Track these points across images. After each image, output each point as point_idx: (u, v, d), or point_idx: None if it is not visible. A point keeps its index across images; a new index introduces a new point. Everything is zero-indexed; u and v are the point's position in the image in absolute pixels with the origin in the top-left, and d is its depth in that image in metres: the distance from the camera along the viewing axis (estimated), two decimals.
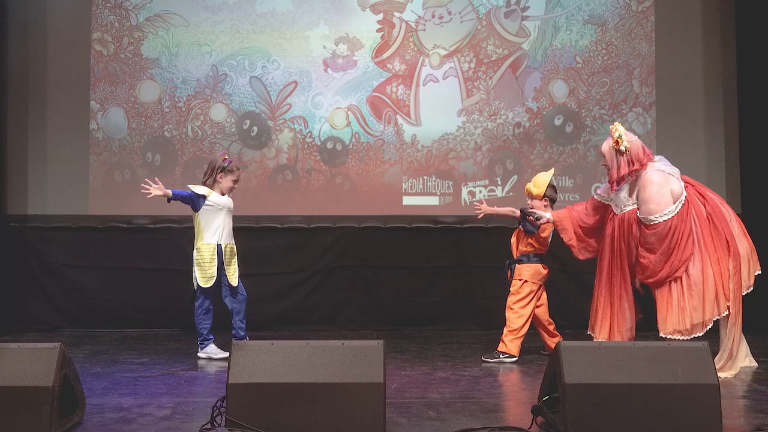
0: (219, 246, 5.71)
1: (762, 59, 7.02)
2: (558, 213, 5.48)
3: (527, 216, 5.56)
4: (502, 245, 6.01)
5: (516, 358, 5.53)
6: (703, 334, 4.75)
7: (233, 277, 5.75)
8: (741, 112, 7.27)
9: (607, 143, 5.10)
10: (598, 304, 5.21)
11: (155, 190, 5.64)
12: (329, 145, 7.44)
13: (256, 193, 7.38)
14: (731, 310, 4.86)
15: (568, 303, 6.90)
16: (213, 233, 5.73)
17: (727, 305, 4.84)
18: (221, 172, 5.81)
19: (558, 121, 7.44)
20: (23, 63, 7.37)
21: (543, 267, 5.68)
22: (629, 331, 5.07)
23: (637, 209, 4.98)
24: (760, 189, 7.04)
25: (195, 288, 5.72)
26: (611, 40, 7.45)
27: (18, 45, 7.37)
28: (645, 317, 5.21)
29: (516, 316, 5.57)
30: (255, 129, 7.44)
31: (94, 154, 7.39)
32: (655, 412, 3.34)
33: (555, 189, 5.83)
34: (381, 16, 7.49)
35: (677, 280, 4.86)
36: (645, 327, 5.31)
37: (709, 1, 7.47)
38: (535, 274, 5.63)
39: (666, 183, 4.91)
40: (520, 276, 5.63)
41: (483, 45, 7.46)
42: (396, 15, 7.48)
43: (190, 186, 5.81)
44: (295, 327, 7.05)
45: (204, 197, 5.73)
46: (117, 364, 5.48)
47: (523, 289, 5.61)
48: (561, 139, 7.44)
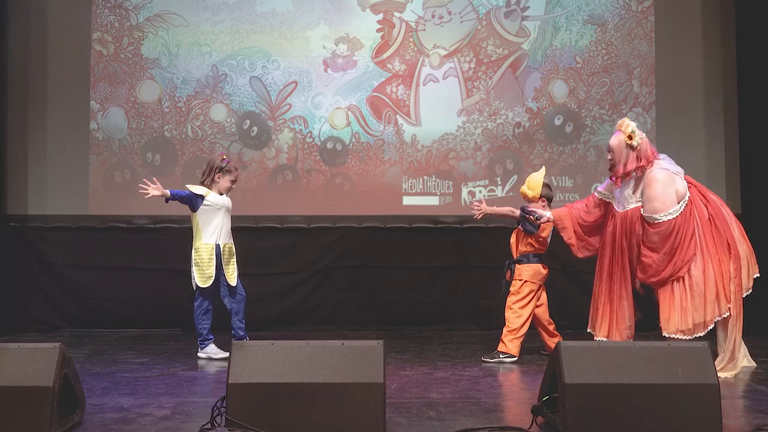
0: (217, 246, 5.71)
1: (762, 59, 7.02)
2: (558, 211, 5.46)
3: (527, 215, 5.54)
4: (502, 245, 6.01)
5: (516, 358, 5.53)
6: (705, 334, 4.76)
7: (232, 277, 5.75)
8: (741, 112, 7.27)
9: (617, 138, 5.04)
10: (598, 301, 5.21)
11: (153, 190, 5.64)
12: (329, 145, 7.44)
13: (256, 193, 7.38)
14: (732, 311, 4.86)
15: (568, 303, 6.89)
16: (211, 233, 5.72)
17: (728, 306, 4.84)
18: (219, 172, 5.80)
19: (558, 121, 7.45)
20: (23, 63, 7.37)
21: (543, 267, 5.68)
22: (628, 330, 5.07)
23: (641, 207, 4.97)
24: (760, 189, 7.04)
25: (194, 288, 5.73)
26: (611, 40, 7.45)
27: (18, 45, 7.37)
28: (644, 317, 5.20)
29: (515, 316, 5.57)
30: (255, 129, 7.44)
31: (94, 154, 7.39)
32: (655, 412, 3.34)
33: (550, 187, 5.81)
34: (381, 16, 7.49)
35: (680, 279, 4.85)
36: (645, 327, 5.31)
37: (709, 1, 7.47)
38: (535, 274, 5.63)
39: (671, 182, 4.91)
40: (520, 276, 5.63)
41: (483, 45, 7.46)
42: (396, 15, 7.48)
43: (188, 186, 5.80)
44: (295, 327, 7.05)
45: (202, 197, 5.72)
46: (117, 364, 5.48)
47: (523, 290, 5.60)
48: (561, 139, 7.44)
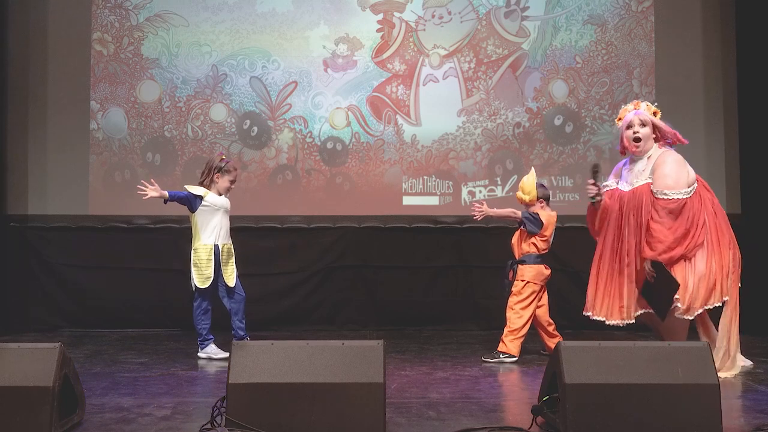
0: (216, 246, 5.71)
1: (762, 59, 7.02)
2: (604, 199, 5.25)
3: (530, 218, 5.56)
4: (502, 245, 6.01)
5: (516, 358, 5.53)
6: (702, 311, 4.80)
7: (230, 278, 5.74)
8: (741, 112, 7.27)
9: (644, 113, 5.02)
10: (597, 281, 5.10)
11: (151, 191, 5.63)
12: (329, 145, 7.44)
13: (256, 193, 7.38)
14: (728, 306, 4.86)
15: (568, 303, 6.88)
16: (210, 234, 5.72)
17: (723, 299, 4.84)
18: (218, 172, 5.80)
19: (558, 121, 7.44)
20: (23, 63, 7.37)
21: (545, 267, 5.68)
22: (626, 309, 4.96)
23: (651, 184, 4.94)
24: (760, 189, 7.04)
25: (192, 289, 5.73)
26: (611, 40, 7.45)
27: (18, 45, 7.38)
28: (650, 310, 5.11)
29: (517, 316, 5.57)
30: (255, 129, 7.44)
31: (94, 154, 7.39)
32: (655, 412, 3.34)
33: (544, 186, 5.81)
34: (381, 16, 7.49)
35: (689, 260, 4.84)
36: (645, 327, 5.30)
37: (709, 1, 7.47)
38: (538, 275, 5.63)
39: (684, 164, 4.96)
40: (522, 277, 5.62)
41: (483, 45, 7.46)
42: (396, 15, 7.48)
43: (186, 187, 5.80)
44: (295, 327, 7.05)
45: (200, 198, 5.72)
46: (117, 364, 5.48)
47: (525, 290, 5.60)
48: (561, 139, 7.44)
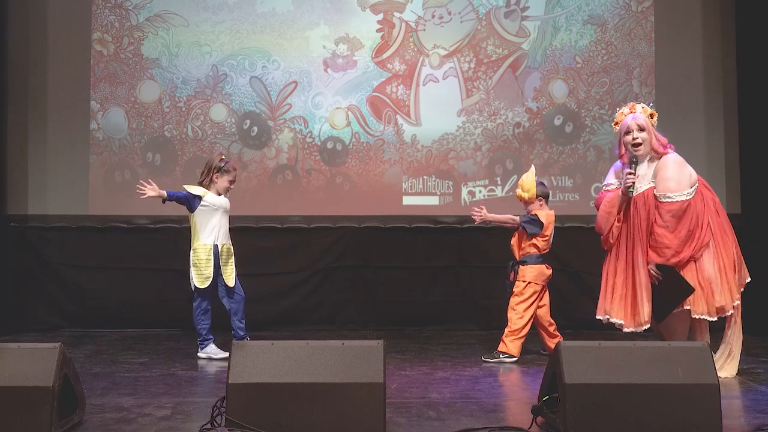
0: (215, 246, 5.71)
1: (762, 59, 7.01)
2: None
3: (529, 221, 5.59)
4: (502, 245, 6.00)
5: (516, 358, 5.53)
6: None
7: (230, 278, 5.73)
8: (741, 112, 7.27)
9: (641, 117, 5.02)
10: (614, 285, 4.99)
11: (150, 191, 5.63)
12: (329, 145, 7.44)
13: (256, 193, 7.38)
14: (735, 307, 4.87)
15: (568, 303, 6.89)
16: (209, 234, 5.72)
17: (736, 297, 4.85)
18: (217, 172, 5.80)
19: (558, 121, 7.44)
20: (23, 63, 7.37)
21: (546, 267, 5.68)
22: (640, 316, 4.87)
23: (654, 188, 4.94)
24: (760, 189, 7.03)
25: (192, 289, 5.73)
26: (611, 40, 7.45)
27: (18, 45, 7.37)
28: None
29: (518, 316, 5.57)
30: (255, 129, 7.44)
31: (94, 154, 7.39)
32: (655, 412, 3.34)
33: (544, 184, 5.82)
34: (381, 16, 7.49)
35: (696, 261, 4.84)
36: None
37: (709, 1, 7.47)
38: (539, 275, 5.63)
39: (685, 166, 4.97)
40: (523, 277, 5.62)
41: (483, 45, 7.46)
42: (396, 15, 7.48)
43: (185, 186, 5.80)
44: (295, 327, 7.05)
45: (199, 198, 5.72)
46: (117, 364, 5.48)
47: (527, 291, 5.60)
48: (561, 139, 7.44)
